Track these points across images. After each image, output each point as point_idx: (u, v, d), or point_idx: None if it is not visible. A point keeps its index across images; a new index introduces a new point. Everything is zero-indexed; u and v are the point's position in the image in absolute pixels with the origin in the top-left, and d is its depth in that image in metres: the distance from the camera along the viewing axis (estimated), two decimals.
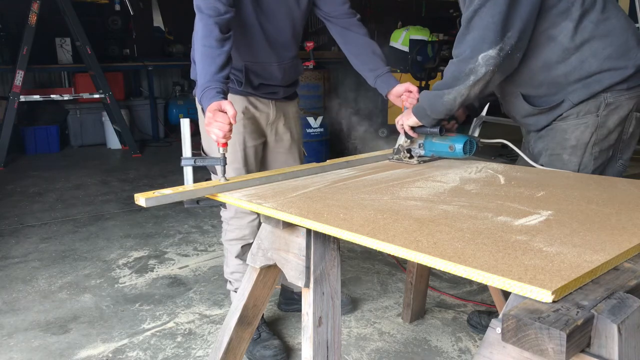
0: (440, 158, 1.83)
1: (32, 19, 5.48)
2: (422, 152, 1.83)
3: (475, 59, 1.53)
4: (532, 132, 1.82)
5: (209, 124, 1.49)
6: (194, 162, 1.49)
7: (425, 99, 1.70)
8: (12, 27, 6.17)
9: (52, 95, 6.01)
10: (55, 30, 6.37)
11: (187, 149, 1.50)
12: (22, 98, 5.69)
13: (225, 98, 1.57)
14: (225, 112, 1.49)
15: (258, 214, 1.51)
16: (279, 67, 1.98)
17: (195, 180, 1.51)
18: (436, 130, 1.74)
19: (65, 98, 6.21)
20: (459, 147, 1.74)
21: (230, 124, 1.48)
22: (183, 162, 1.48)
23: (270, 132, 2.08)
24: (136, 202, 1.36)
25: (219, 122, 1.47)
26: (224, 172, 1.51)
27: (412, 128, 1.79)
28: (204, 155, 2.00)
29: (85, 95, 6.16)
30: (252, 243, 1.69)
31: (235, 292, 2.10)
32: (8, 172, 5.37)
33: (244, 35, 1.87)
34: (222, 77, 1.63)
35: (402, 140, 1.85)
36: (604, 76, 1.59)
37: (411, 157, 1.82)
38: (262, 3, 1.86)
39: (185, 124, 1.50)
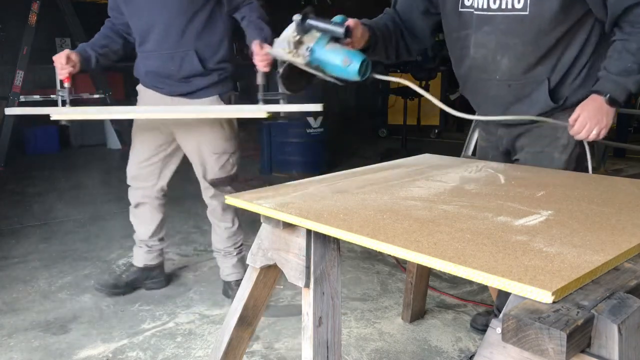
0: (329, 77, 1.43)
1: (32, 19, 5.47)
2: (308, 58, 1.41)
3: None
4: (502, 128, 1.83)
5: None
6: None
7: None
8: (12, 27, 6.17)
9: (52, 95, 5.99)
10: (55, 30, 6.36)
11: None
12: (22, 98, 5.68)
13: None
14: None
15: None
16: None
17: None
18: (341, 30, 1.34)
19: None
20: (354, 64, 1.36)
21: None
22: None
23: None
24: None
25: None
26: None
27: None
28: None
29: (85, 95, 6.15)
30: None
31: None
32: (8, 172, 5.37)
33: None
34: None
35: (290, 30, 1.41)
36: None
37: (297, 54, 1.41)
38: None
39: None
